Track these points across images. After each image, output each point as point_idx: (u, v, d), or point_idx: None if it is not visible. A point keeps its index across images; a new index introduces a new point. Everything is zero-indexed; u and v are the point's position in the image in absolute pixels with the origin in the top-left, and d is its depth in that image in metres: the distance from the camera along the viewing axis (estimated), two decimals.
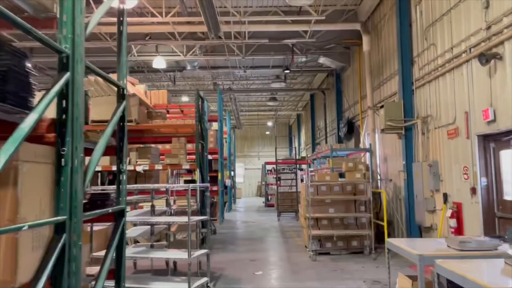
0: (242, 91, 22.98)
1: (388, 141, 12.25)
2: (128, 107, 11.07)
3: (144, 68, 18.12)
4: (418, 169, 9.68)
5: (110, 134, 4.14)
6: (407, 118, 10.29)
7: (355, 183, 9.98)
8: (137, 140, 12.33)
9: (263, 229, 14.93)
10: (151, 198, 7.33)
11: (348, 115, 17.13)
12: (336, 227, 9.81)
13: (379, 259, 9.09)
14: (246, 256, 9.84)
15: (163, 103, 12.11)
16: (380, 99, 12.93)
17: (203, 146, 12.25)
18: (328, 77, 20.33)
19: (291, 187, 19.10)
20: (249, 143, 41.34)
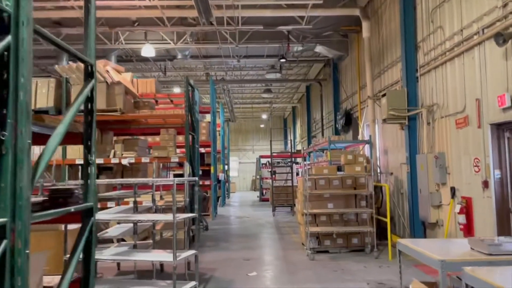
0: (236, 81, 22.25)
1: (389, 132, 11.62)
2: (113, 96, 10.38)
3: (133, 57, 17.34)
4: (422, 161, 9.07)
5: (72, 118, 3.43)
6: (410, 107, 9.66)
7: (356, 177, 9.35)
8: (124, 132, 11.64)
9: (257, 224, 14.30)
10: (134, 193, 6.64)
11: (345, 106, 16.49)
12: (335, 224, 9.19)
13: (382, 258, 8.49)
14: (239, 255, 9.21)
15: (151, 92, 11.39)
16: (380, 88, 12.29)
17: (194, 138, 11.57)
18: (324, 67, 19.66)
19: (286, 181, 18.47)
20: (244, 136, 40.66)
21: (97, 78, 10.56)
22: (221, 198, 21.54)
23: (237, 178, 38.09)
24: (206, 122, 16.90)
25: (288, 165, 20.87)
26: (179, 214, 5.97)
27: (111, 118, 10.14)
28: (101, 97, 10.10)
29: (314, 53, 18.53)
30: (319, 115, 22.40)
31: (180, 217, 5.61)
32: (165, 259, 5.47)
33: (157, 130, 11.36)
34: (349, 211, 8.85)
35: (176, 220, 5.41)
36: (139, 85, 11.45)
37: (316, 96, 23.35)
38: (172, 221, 5.38)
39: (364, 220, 9.21)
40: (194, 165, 11.33)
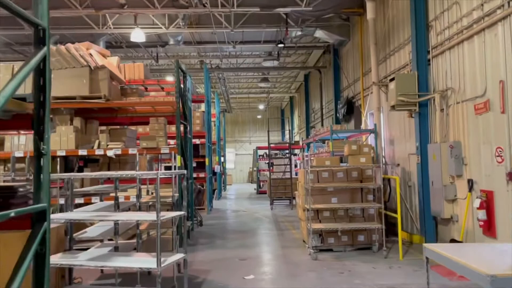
0: (232, 69, 21.38)
1: (396, 120, 10.84)
2: (96, 82, 9.50)
3: (123, 43, 16.42)
4: (435, 151, 8.30)
5: (11, 93, 2.59)
6: (421, 92, 8.86)
7: (362, 168, 8.58)
8: (110, 121, 10.80)
9: (255, 219, 13.55)
10: (115, 188, 5.84)
11: (347, 94, 15.68)
12: (339, 220, 8.43)
13: (391, 257, 7.74)
14: (235, 254, 8.45)
15: (139, 78, 10.54)
16: (386, 73, 11.49)
17: (186, 127, 10.76)
18: (324, 54, 18.81)
19: (284, 173, 17.71)
20: (240, 127, 39.83)
21: (80, 61, 9.74)
22: (217, 191, 20.77)
23: (233, 170, 37.32)
24: (200, 111, 16.08)
25: (286, 157, 20.10)
26: (165, 212, 5.18)
27: (95, 105, 9.32)
28: (83, 83, 9.25)
29: (314, 39, 17.65)
30: (318, 104, 21.59)
31: (165, 216, 4.82)
32: (147, 266, 4.69)
33: (147, 119, 10.54)
34: (355, 206, 8.09)
35: (161, 220, 4.62)
36: (126, 70, 10.60)
37: (315, 85, 22.52)
38: (155, 222, 4.59)
39: (371, 216, 8.45)
40: (186, 157, 10.53)
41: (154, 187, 4.57)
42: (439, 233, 8.72)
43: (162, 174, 4.85)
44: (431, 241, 8.71)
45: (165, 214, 5.07)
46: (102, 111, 10.37)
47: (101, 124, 10.79)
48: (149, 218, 4.76)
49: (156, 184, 4.65)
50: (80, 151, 9.22)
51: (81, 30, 14.49)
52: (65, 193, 5.67)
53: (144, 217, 4.84)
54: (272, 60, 19.15)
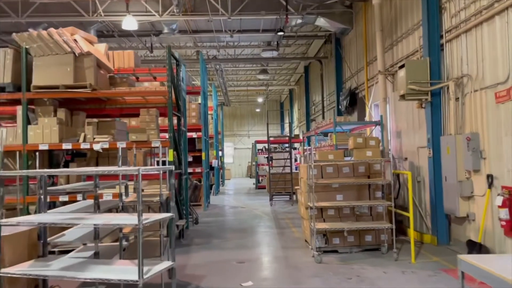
0: (229, 60, 20.64)
1: (403, 111, 10.15)
2: (81, 69, 8.75)
3: (115, 32, 15.67)
4: (449, 143, 7.63)
5: None
6: (433, 80, 8.18)
7: (370, 163, 7.91)
8: (98, 113, 10.09)
9: (254, 216, 12.90)
10: (95, 186, 5.15)
11: (350, 85, 14.98)
12: (345, 219, 7.78)
13: (402, 260, 7.08)
14: (232, 256, 7.80)
15: (129, 66, 9.82)
16: (392, 62, 10.78)
17: (180, 119, 10.07)
18: (325, 44, 18.08)
19: (284, 167, 17.02)
20: (239, 121, 39.13)
21: (63, 48, 9.00)
22: (214, 186, 20.12)
23: (232, 165, 36.67)
24: (196, 104, 15.39)
25: (286, 151, 19.44)
26: (149, 215, 4.50)
27: (80, 95, 8.62)
28: (67, 71, 8.55)
29: (315, 28, 16.94)
30: (319, 97, 20.89)
31: (149, 219, 4.14)
32: (128, 277, 4.02)
33: (138, 111, 9.86)
34: (362, 203, 7.42)
35: (143, 225, 3.95)
36: (115, 58, 9.87)
37: (315, 77, 21.81)
38: (137, 226, 3.92)
39: (380, 214, 7.79)
40: (180, 151, 9.86)
41: (135, 185, 3.88)
42: (452, 232, 8.08)
43: (144, 170, 4.17)
44: (443, 241, 8.09)
45: (150, 216, 4.39)
46: (89, 102, 9.68)
47: (89, 116, 10.10)
48: (129, 222, 4.08)
49: (138, 182, 3.96)
50: (64, 145, 8.53)
51: (70, 18, 13.76)
52: (38, 191, 4.99)
53: (123, 221, 4.16)
54: (271, 51, 18.43)
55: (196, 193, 15.89)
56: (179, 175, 9.77)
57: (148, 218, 4.26)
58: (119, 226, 4.08)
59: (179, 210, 9.52)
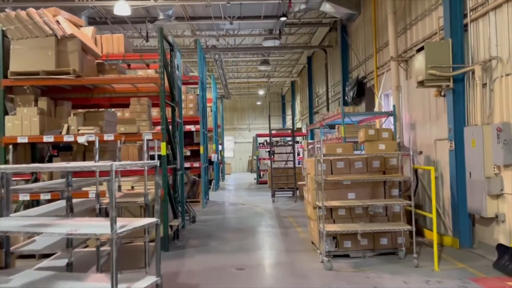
0: (229, 49, 19.73)
1: (418, 100, 9.30)
2: (64, 54, 7.82)
3: (108, 19, 14.78)
4: (475, 135, 6.79)
5: None
6: (456, 64, 7.32)
7: (385, 157, 7.08)
8: (85, 102, 9.26)
9: (255, 214, 12.10)
10: (67, 185, 4.33)
11: (357, 74, 14.11)
12: (357, 219, 6.96)
13: (424, 267, 6.27)
14: (231, 261, 6.99)
15: (119, 52, 8.95)
16: (406, 47, 9.91)
17: (174, 110, 9.23)
18: (330, 31, 17.16)
19: (287, 162, 16.17)
20: (239, 114, 38.26)
21: (44, 30, 8.11)
22: (214, 181, 19.31)
23: (232, 159, 35.84)
24: (194, 95, 14.54)
25: (288, 144, 18.61)
26: (129, 220, 3.69)
27: (63, 82, 7.78)
28: (48, 55, 7.70)
29: (319, 14, 16.04)
30: (323, 88, 20.02)
31: (125, 228, 3.32)
32: None
33: (128, 100, 9.05)
34: (378, 203, 6.59)
35: (117, 235, 3.13)
36: (103, 43, 9.00)
37: (319, 67, 20.92)
38: (110, 236, 3.10)
39: (397, 215, 6.97)
40: (175, 144, 9.03)
41: (108, 186, 3.06)
42: (476, 234, 7.26)
43: (120, 166, 3.35)
44: (466, 244, 7.27)
45: (129, 222, 3.58)
46: (75, 90, 8.85)
47: (75, 106, 9.27)
48: (101, 230, 3.26)
49: (110, 183, 3.14)
50: (46, 137, 7.71)
51: (59, 3, 12.83)
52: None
53: (94, 229, 3.34)
54: (273, 39, 17.56)
55: (194, 189, 15.08)
56: (174, 170, 8.94)
57: (126, 225, 3.44)
58: (87, 236, 3.28)
59: (174, 208, 8.72)
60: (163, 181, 7.80)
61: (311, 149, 17.32)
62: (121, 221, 3.57)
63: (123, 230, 3.26)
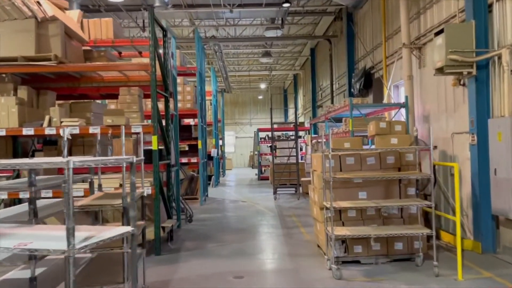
0: (229, 40, 18.97)
1: (433, 91, 8.56)
2: (45, 38, 6.97)
3: (101, 7, 14.04)
4: (501, 128, 6.07)
5: None
6: (479, 49, 6.57)
7: (401, 152, 6.36)
8: (71, 92, 8.55)
9: (256, 212, 11.40)
10: (29, 185, 3.62)
11: (364, 65, 13.35)
12: (369, 221, 6.25)
13: (445, 275, 5.56)
14: (228, 267, 6.31)
15: (108, 38, 8.23)
16: (419, 33, 9.15)
17: (168, 100, 8.51)
18: (335, 21, 16.37)
19: (289, 157, 15.44)
20: (240, 109, 37.52)
21: (23, 11, 7.30)
22: (213, 177, 18.62)
23: (233, 154, 35.14)
24: (192, 86, 13.80)
25: (291, 139, 17.88)
26: (96, 230, 2.98)
27: (43, 69, 7.06)
28: (27, 40, 6.99)
29: (324, 2, 15.25)
30: (326, 81, 19.26)
31: (89, 242, 2.61)
32: None
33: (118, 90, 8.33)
34: (393, 204, 5.87)
35: (74, 252, 2.42)
36: (90, 27, 8.28)
37: (323, 59, 20.15)
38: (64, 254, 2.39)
39: (413, 216, 6.25)
40: (168, 138, 8.33)
41: (63, 188, 2.34)
42: (501, 237, 6.55)
43: (81, 163, 2.64)
44: (489, 249, 6.56)
45: (96, 232, 2.87)
46: (59, 79, 8.14)
47: (61, 96, 8.58)
48: (55, 246, 2.56)
49: (67, 184, 2.43)
50: (25, 130, 7.01)
51: None
52: None
53: (48, 244, 2.64)
54: (275, 29, 16.77)
55: (193, 185, 14.41)
56: (168, 166, 8.24)
57: (91, 237, 2.73)
58: (38, 252, 2.58)
59: (167, 208, 8.02)
60: (155, 178, 7.11)
61: (315, 144, 16.60)
62: (87, 230, 2.86)
63: (85, 245, 2.55)
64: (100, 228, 3.08)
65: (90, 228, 3.01)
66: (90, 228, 3.04)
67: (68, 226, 2.43)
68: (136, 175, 5.28)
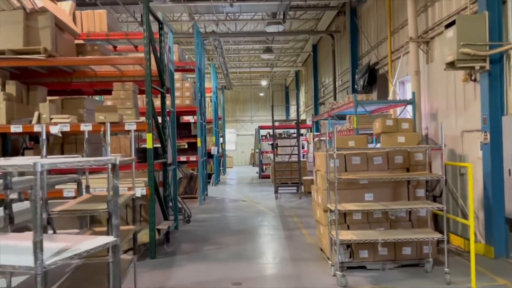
0: (229, 35, 18.59)
1: (441, 87, 8.19)
2: (35, 30, 6.45)
3: (98, 0, 13.65)
4: None
5: None
6: (492, 42, 6.20)
7: (410, 151, 6.00)
8: (63, 88, 8.21)
9: (256, 212, 11.05)
10: (4, 187, 3.27)
11: (368, 60, 12.97)
12: (376, 224, 5.89)
13: (457, 283, 5.21)
14: (226, 272, 5.96)
15: (102, 30, 7.87)
16: (427, 27, 8.77)
17: (164, 96, 8.15)
18: (338, 16, 15.97)
19: (291, 155, 15.08)
20: (241, 106, 37.12)
21: (11, 2, 7.05)
22: (213, 175, 18.27)
23: (234, 152, 34.77)
24: (191, 82, 13.45)
25: (293, 137, 17.51)
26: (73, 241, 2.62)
27: (32, 63, 6.72)
28: (15, 32, 6.64)
29: None
30: (329, 77, 18.89)
31: (60, 257, 2.26)
32: None
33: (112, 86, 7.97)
34: (402, 207, 5.51)
35: (43, 270, 2.07)
36: (83, 20, 7.92)
37: (326, 55, 19.76)
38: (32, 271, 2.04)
39: (422, 220, 5.90)
40: (165, 136, 7.97)
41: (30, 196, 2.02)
42: None
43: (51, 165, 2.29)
44: (501, 253, 6.21)
45: (73, 244, 2.52)
46: (51, 74, 7.80)
47: (52, 92, 8.24)
48: (20, 262, 2.21)
49: (33, 189, 2.08)
50: (13, 127, 6.67)
51: None
52: None
53: (15, 258, 2.29)
54: (276, 24, 16.38)
55: (192, 184, 14.06)
56: (164, 165, 7.89)
57: (65, 249, 2.38)
58: (2, 268, 2.23)
59: (163, 209, 7.68)
60: (149, 178, 6.76)
61: (317, 142, 16.23)
62: (63, 241, 2.51)
63: (56, 260, 2.20)
64: (79, 238, 2.73)
65: (66, 238, 2.66)
66: (67, 238, 2.69)
67: (35, 240, 2.08)
68: (129, 175, 4.94)
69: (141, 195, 6.62)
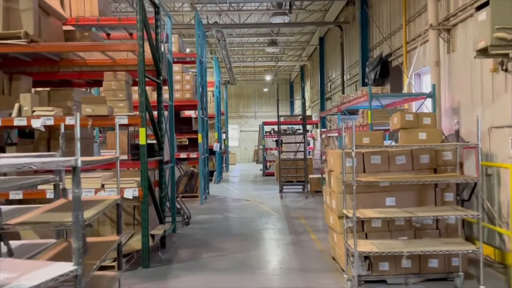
0: (233, 26, 17.84)
1: (464, 78, 7.44)
2: (15, 13, 5.78)
3: None
4: None
5: None
6: None
7: (437, 150, 5.27)
8: (50, 78, 7.48)
9: (260, 213, 10.36)
10: None
11: (380, 52, 12.22)
12: (398, 233, 5.17)
13: None
14: (226, 285, 5.28)
15: (92, 15, 7.14)
16: (448, 13, 8.01)
17: (160, 88, 7.44)
18: (348, 5, 15.20)
19: (296, 152, 14.34)
20: (245, 102, 36.41)
21: None
22: (216, 173, 17.59)
23: (237, 149, 34.09)
24: (191, 75, 12.72)
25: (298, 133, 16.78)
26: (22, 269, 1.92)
27: (11, 49, 6.01)
28: None
29: None
30: (336, 71, 18.13)
31: None
32: None
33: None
34: (431, 214, 4.78)
35: None
36: (72, 3, 7.19)
37: (333, 48, 18.99)
38: None
39: (451, 228, 5.17)
40: (161, 131, 7.27)
41: None
42: None
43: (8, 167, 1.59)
44: None
45: (20, 273, 1.81)
46: (36, 62, 7.08)
47: (40, 83, 7.55)
48: None
49: None
50: None
51: None
52: None
53: None
54: (282, 15, 15.63)
55: (192, 182, 13.36)
56: (160, 163, 7.19)
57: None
58: None
59: (159, 212, 6.98)
60: (142, 178, 6.06)
61: (325, 139, 15.51)
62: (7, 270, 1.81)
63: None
64: (32, 264, 2.04)
65: (13, 265, 1.97)
66: (15, 264, 2.00)
67: None
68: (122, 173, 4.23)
69: (133, 197, 5.94)
